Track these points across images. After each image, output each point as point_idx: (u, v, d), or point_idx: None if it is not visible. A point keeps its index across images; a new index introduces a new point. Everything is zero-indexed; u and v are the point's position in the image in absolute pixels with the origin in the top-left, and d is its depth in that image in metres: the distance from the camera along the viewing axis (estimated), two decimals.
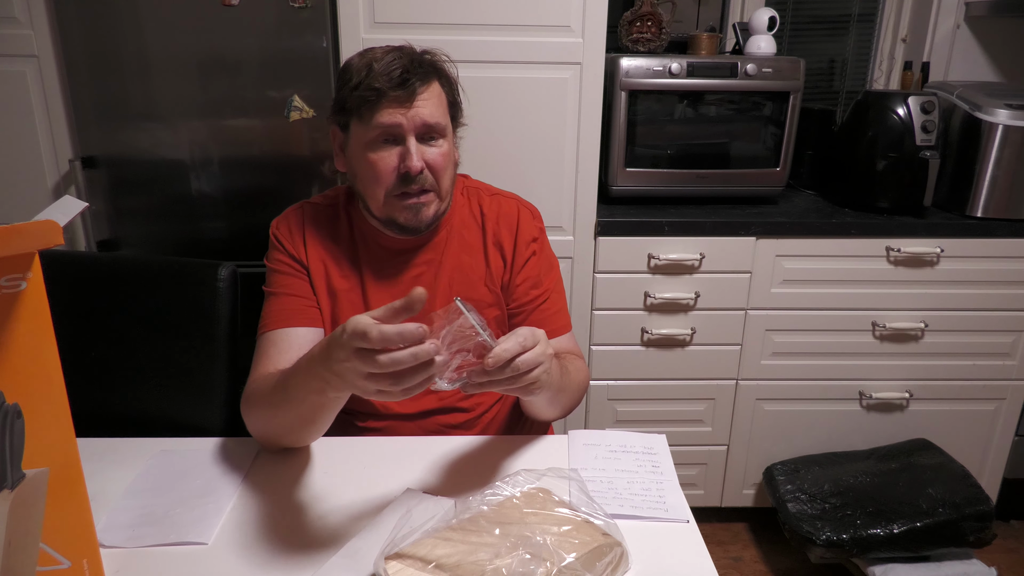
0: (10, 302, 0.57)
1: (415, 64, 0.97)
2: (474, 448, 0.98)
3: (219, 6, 1.58)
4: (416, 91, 0.96)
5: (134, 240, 1.73)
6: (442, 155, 1.00)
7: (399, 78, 0.95)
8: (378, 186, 0.99)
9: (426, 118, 0.97)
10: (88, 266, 1.28)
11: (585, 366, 1.12)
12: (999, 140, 1.76)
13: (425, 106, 0.97)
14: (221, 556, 0.76)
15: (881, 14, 2.24)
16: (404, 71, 0.95)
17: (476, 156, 1.66)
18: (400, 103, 0.96)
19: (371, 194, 1.01)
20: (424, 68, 0.98)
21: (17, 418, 0.59)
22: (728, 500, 2.00)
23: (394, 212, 1.01)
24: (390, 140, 0.98)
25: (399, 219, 1.01)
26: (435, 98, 1.00)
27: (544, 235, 1.15)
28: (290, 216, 1.09)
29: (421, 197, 1.00)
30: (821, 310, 1.83)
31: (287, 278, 1.05)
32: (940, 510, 1.67)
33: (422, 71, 0.97)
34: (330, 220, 1.09)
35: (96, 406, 1.21)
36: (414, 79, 0.96)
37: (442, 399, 1.09)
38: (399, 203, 1.00)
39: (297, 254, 1.06)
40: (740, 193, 1.91)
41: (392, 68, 0.95)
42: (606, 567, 0.71)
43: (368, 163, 0.99)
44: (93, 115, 1.65)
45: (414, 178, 0.98)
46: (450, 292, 1.08)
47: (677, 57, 1.77)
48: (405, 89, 0.95)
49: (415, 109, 0.97)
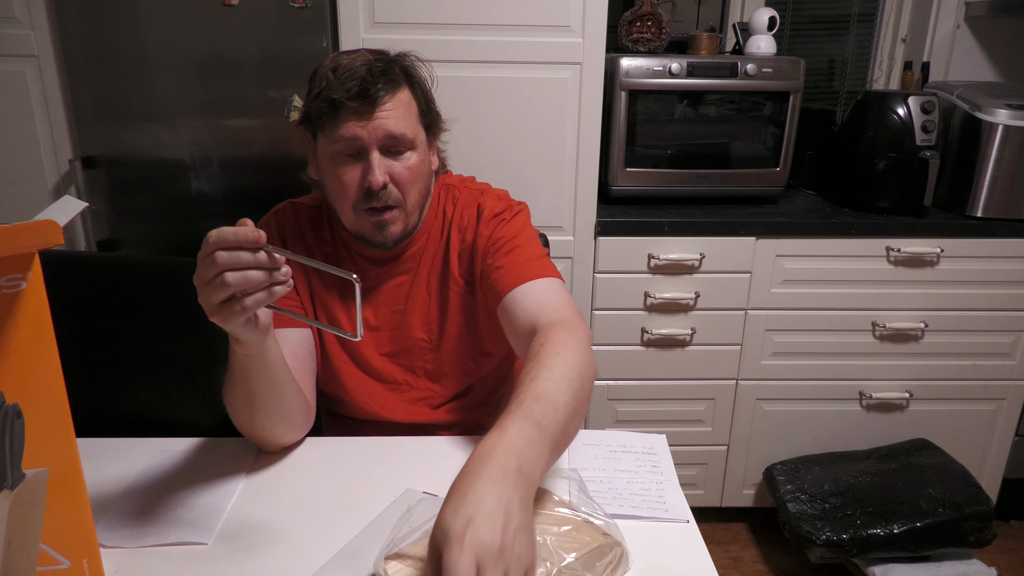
0: (10, 302, 0.57)
1: (377, 73, 0.90)
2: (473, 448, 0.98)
3: (219, 6, 1.57)
4: (377, 101, 0.90)
5: (134, 240, 1.73)
6: (408, 168, 0.94)
7: (358, 88, 0.88)
8: (344, 200, 0.95)
9: (390, 129, 0.91)
10: (88, 266, 1.28)
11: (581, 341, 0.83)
12: (999, 140, 1.76)
13: (389, 117, 0.91)
14: (221, 556, 0.76)
15: (881, 14, 2.24)
16: (362, 81, 0.89)
17: (476, 156, 1.66)
18: (359, 115, 0.90)
19: (340, 207, 0.97)
20: (388, 76, 0.92)
21: (17, 418, 0.59)
22: (728, 500, 2.00)
23: (362, 227, 0.96)
24: (353, 154, 0.92)
25: (366, 234, 0.97)
26: (401, 107, 0.93)
27: (516, 213, 1.04)
28: (273, 217, 1.07)
29: (385, 214, 0.95)
30: (821, 310, 1.83)
31: None
32: (940, 510, 1.67)
33: (385, 79, 0.91)
34: (313, 222, 1.06)
35: (96, 406, 1.21)
36: (375, 89, 0.89)
37: (447, 411, 1.08)
38: (367, 218, 0.95)
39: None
40: (740, 193, 1.91)
41: (351, 77, 0.88)
42: (606, 567, 0.71)
43: (334, 177, 0.94)
44: (93, 115, 1.65)
45: (377, 194, 0.92)
46: (428, 298, 1.04)
47: (677, 57, 1.77)
48: (364, 100, 0.89)
49: (377, 121, 0.90)
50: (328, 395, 1.09)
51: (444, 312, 1.05)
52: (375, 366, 1.06)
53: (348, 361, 1.06)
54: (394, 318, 1.05)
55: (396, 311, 1.05)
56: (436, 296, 1.05)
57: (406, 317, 1.05)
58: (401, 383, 1.07)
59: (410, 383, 1.07)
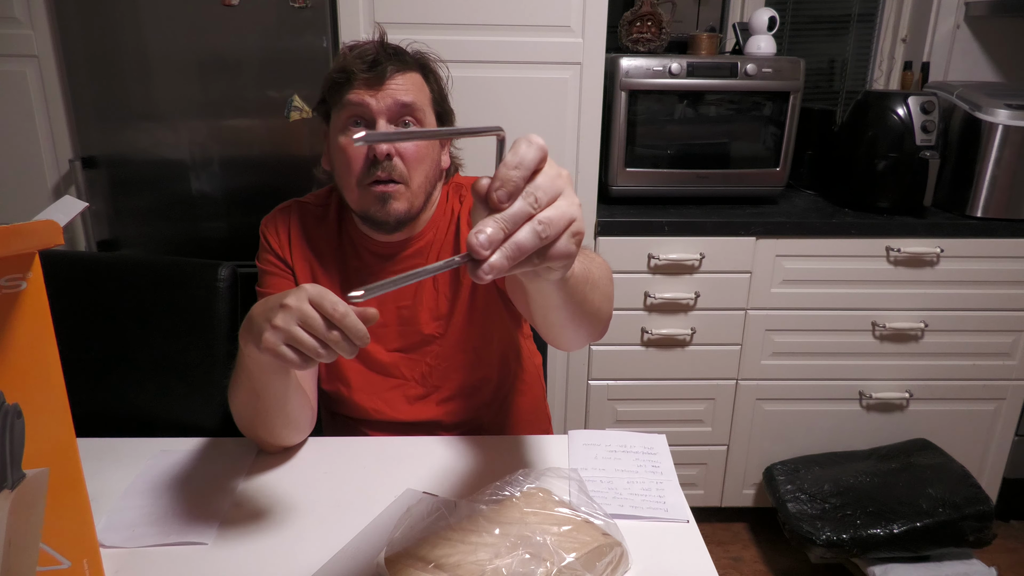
0: (10, 302, 0.57)
1: (393, 52, 0.95)
2: (474, 448, 0.98)
3: (219, 6, 1.58)
4: (387, 74, 0.94)
5: (134, 240, 1.73)
6: (415, 145, 0.95)
7: (370, 60, 0.93)
8: (349, 174, 0.96)
9: (399, 97, 0.94)
10: (88, 266, 1.28)
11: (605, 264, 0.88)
12: (999, 140, 1.76)
13: (399, 89, 0.94)
14: (221, 556, 0.76)
15: (881, 14, 2.24)
16: (376, 54, 0.93)
17: (476, 156, 1.65)
18: (369, 85, 0.93)
19: (345, 184, 0.98)
20: (403, 58, 0.96)
21: (17, 418, 0.59)
22: (728, 500, 2.00)
23: (366, 203, 0.97)
24: (360, 123, 0.95)
25: (370, 211, 0.97)
26: (412, 85, 0.96)
27: None
28: (278, 215, 1.07)
29: (388, 186, 0.95)
30: (821, 310, 1.83)
31: (276, 279, 1.04)
32: (940, 510, 1.67)
33: (398, 59, 0.95)
34: (318, 221, 1.06)
35: (96, 406, 1.21)
36: (387, 63, 0.93)
37: (451, 410, 1.08)
38: (370, 192, 0.95)
39: (283, 254, 1.05)
40: (740, 193, 1.91)
41: (366, 52, 0.94)
42: (606, 567, 0.71)
43: (339, 148, 0.96)
44: (93, 115, 1.65)
45: (380, 164, 0.93)
46: (436, 293, 1.05)
47: (677, 57, 1.77)
48: (375, 71, 0.93)
49: (386, 90, 0.94)
50: (329, 394, 1.09)
51: (453, 306, 1.05)
52: (382, 362, 1.06)
53: (361, 363, 1.06)
54: (401, 314, 1.05)
55: (403, 307, 1.05)
56: (445, 290, 1.05)
57: (415, 312, 1.05)
58: (408, 379, 1.07)
59: (415, 379, 1.07)
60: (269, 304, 0.71)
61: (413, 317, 1.05)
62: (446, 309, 1.05)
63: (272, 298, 0.71)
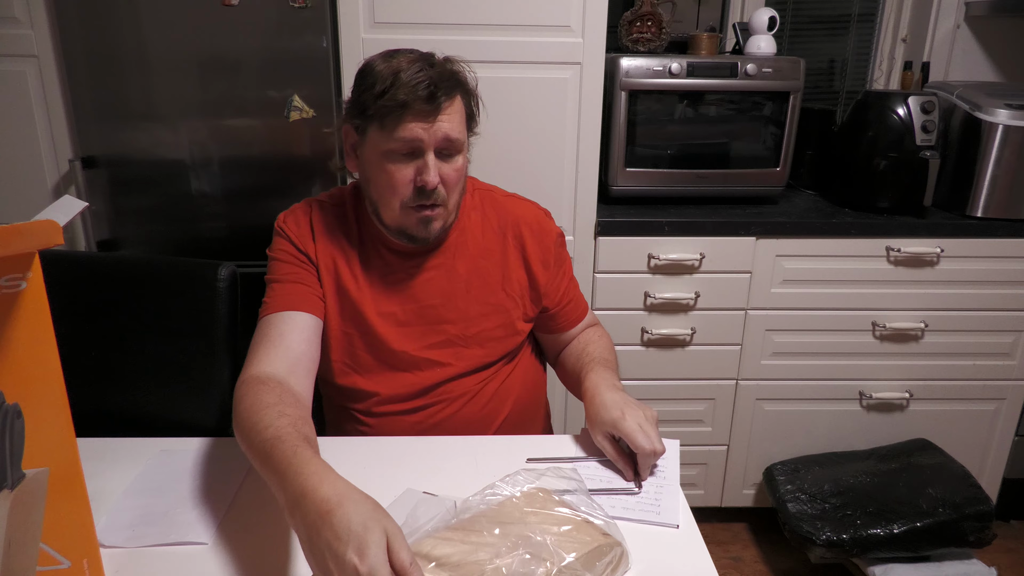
0: (10, 302, 0.57)
1: (442, 78, 0.95)
2: (474, 448, 0.98)
3: (219, 6, 1.57)
4: (441, 107, 0.94)
5: (134, 240, 1.73)
6: (456, 171, 0.99)
7: (426, 92, 0.92)
8: (394, 196, 0.98)
9: (448, 133, 0.96)
10: (88, 266, 1.28)
11: (605, 330, 1.24)
12: (999, 140, 1.76)
13: (447, 122, 0.96)
14: (221, 556, 0.76)
15: (881, 14, 2.24)
16: (431, 84, 0.92)
17: (476, 156, 1.65)
18: (424, 117, 0.94)
19: (385, 203, 1.00)
20: (449, 82, 0.96)
21: (17, 418, 0.59)
22: (728, 500, 2.00)
23: (407, 222, 1.00)
24: (408, 153, 0.96)
25: (410, 230, 1.01)
26: (457, 114, 0.98)
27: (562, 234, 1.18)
28: (298, 211, 1.09)
29: (433, 211, 0.99)
30: (821, 310, 1.83)
31: (292, 267, 1.05)
32: (940, 510, 1.67)
33: (447, 85, 0.95)
34: (339, 219, 1.08)
35: (96, 406, 1.21)
36: (440, 94, 0.93)
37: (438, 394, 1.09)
38: (414, 214, 0.99)
39: (305, 248, 1.06)
40: (740, 193, 1.91)
41: (419, 80, 0.92)
42: (606, 567, 0.71)
43: (386, 173, 0.97)
44: (93, 115, 1.65)
45: (428, 193, 0.97)
46: (467, 296, 1.08)
47: (677, 57, 1.77)
48: (431, 104, 0.93)
49: (438, 124, 0.95)
50: (340, 387, 1.09)
51: (483, 306, 1.09)
52: (407, 362, 1.08)
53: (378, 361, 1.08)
54: (426, 313, 1.07)
55: (429, 306, 1.07)
56: (476, 291, 1.08)
57: (440, 312, 1.08)
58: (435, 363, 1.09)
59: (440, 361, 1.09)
60: (342, 536, 0.62)
61: (440, 317, 1.08)
62: (476, 312, 1.09)
63: (353, 533, 0.62)
